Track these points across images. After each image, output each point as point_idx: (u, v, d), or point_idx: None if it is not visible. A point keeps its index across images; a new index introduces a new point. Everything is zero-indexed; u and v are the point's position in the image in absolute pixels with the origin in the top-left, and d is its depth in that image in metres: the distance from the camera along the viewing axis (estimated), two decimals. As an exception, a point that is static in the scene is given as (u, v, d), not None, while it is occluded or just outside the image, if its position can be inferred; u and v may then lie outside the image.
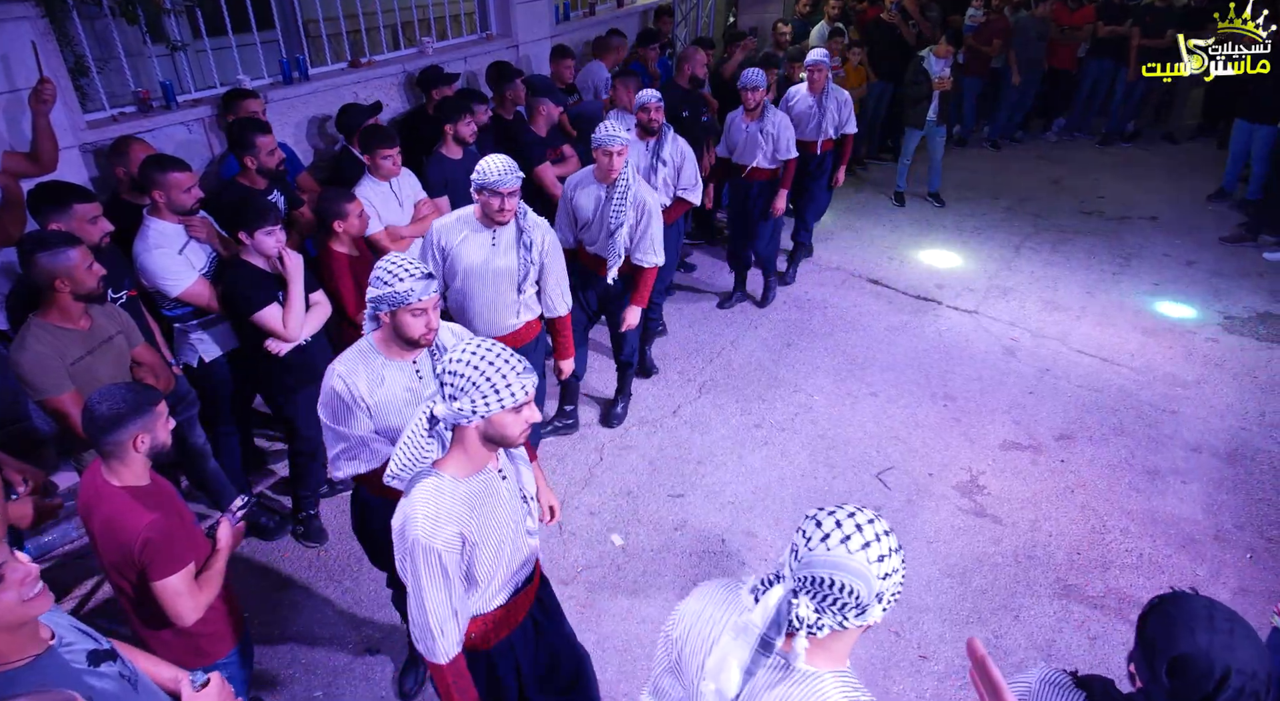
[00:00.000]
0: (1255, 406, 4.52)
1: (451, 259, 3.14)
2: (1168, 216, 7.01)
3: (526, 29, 5.72)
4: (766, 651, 1.27)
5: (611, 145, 3.51)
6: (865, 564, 1.22)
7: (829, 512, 1.28)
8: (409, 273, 2.13)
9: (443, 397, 1.67)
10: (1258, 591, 3.36)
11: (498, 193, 2.96)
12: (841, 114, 5.47)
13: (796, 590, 1.26)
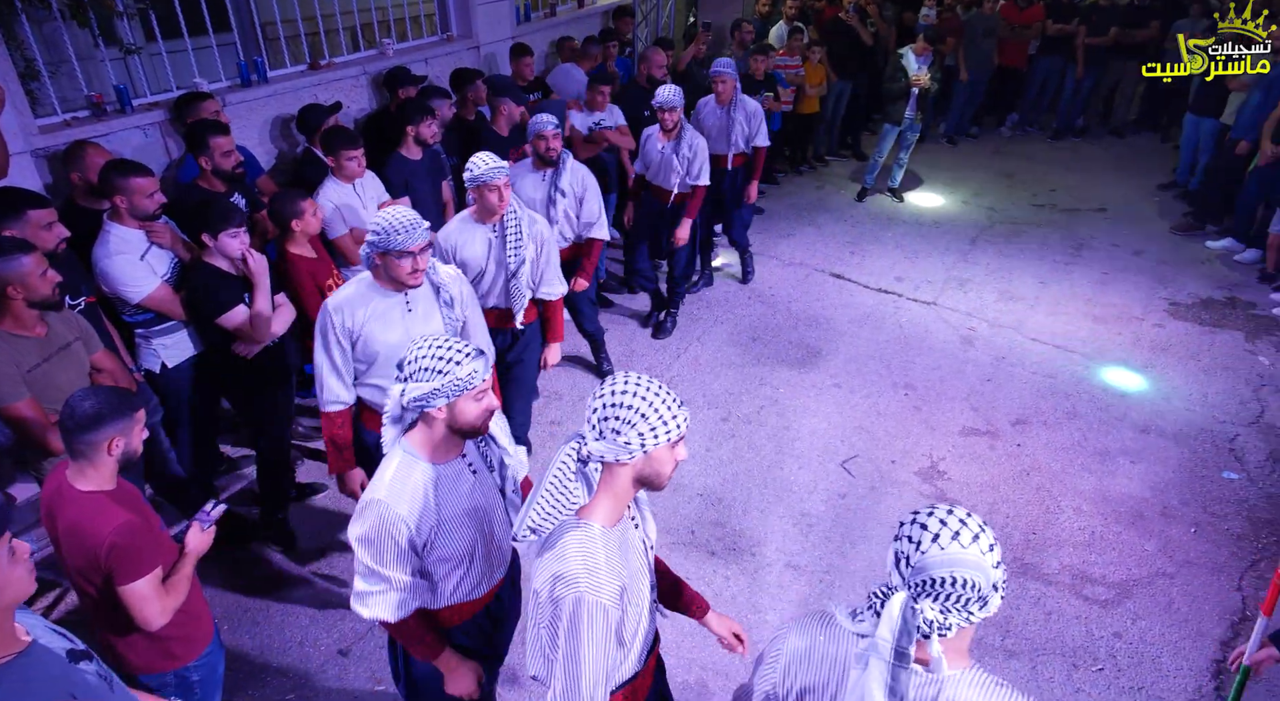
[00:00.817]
0: (1199, 389, 4.71)
1: (363, 340, 2.60)
2: (1116, 208, 7.25)
3: (488, 30, 5.74)
4: (904, 662, 1.25)
5: (495, 179, 3.09)
6: (980, 555, 1.24)
7: (928, 514, 1.29)
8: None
9: (598, 434, 1.52)
10: (1202, 564, 3.51)
11: (407, 252, 2.47)
12: (751, 125, 5.24)
13: (916, 595, 1.26)
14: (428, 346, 1.80)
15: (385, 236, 2.43)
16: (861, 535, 3.67)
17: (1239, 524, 3.73)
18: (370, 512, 1.83)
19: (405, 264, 2.49)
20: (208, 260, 3.06)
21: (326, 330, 2.59)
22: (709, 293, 5.84)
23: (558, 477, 1.57)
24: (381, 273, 2.56)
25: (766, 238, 6.74)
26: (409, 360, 1.80)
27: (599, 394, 1.54)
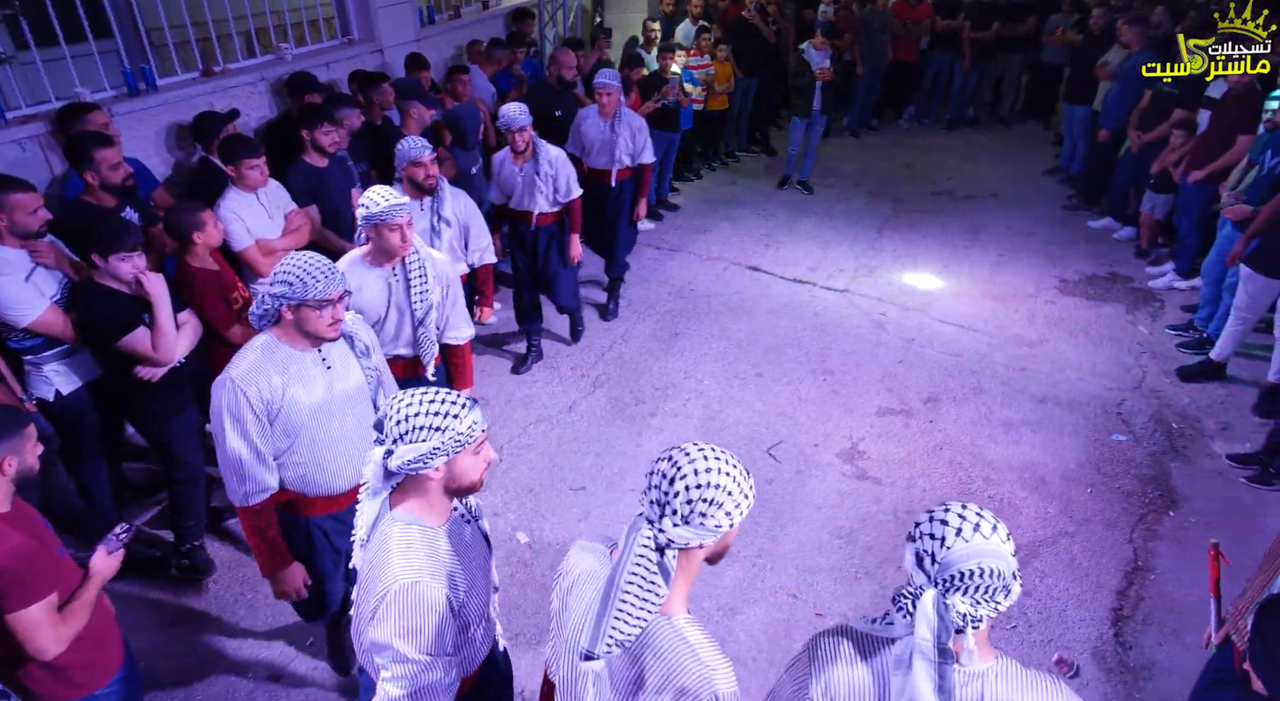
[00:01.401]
0: (1088, 359, 5.06)
1: (285, 411, 2.25)
2: (1007, 193, 7.69)
3: (390, 33, 5.62)
4: (948, 659, 1.27)
5: (396, 217, 2.73)
6: (1000, 544, 1.29)
7: (944, 511, 1.33)
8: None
9: (681, 519, 1.37)
10: (1098, 521, 3.79)
11: (326, 301, 2.19)
12: (636, 141, 5.05)
13: (945, 591, 1.28)
14: (416, 402, 1.59)
15: (301, 286, 2.13)
16: (790, 518, 3.79)
17: (1128, 482, 4.03)
18: (404, 600, 1.56)
19: (324, 315, 2.19)
20: (99, 280, 2.91)
21: (238, 409, 2.17)
22: (631, 290, 5.89)
23: (639, 575, 1.39)
24: (290, 327, 2.23)
25: (683, 233, 6.85)
26: (395, 419, 1.58)
27: (677, 474, 1.38)
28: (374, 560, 1.63)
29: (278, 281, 2.16)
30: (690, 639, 1.43)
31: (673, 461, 1.39)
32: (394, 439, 1.58)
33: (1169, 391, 4.72)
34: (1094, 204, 7.16)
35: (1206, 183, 5.27)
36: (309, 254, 2.21)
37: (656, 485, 1.40)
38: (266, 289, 2.17)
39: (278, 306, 2.19)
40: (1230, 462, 4.11)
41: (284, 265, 2.18)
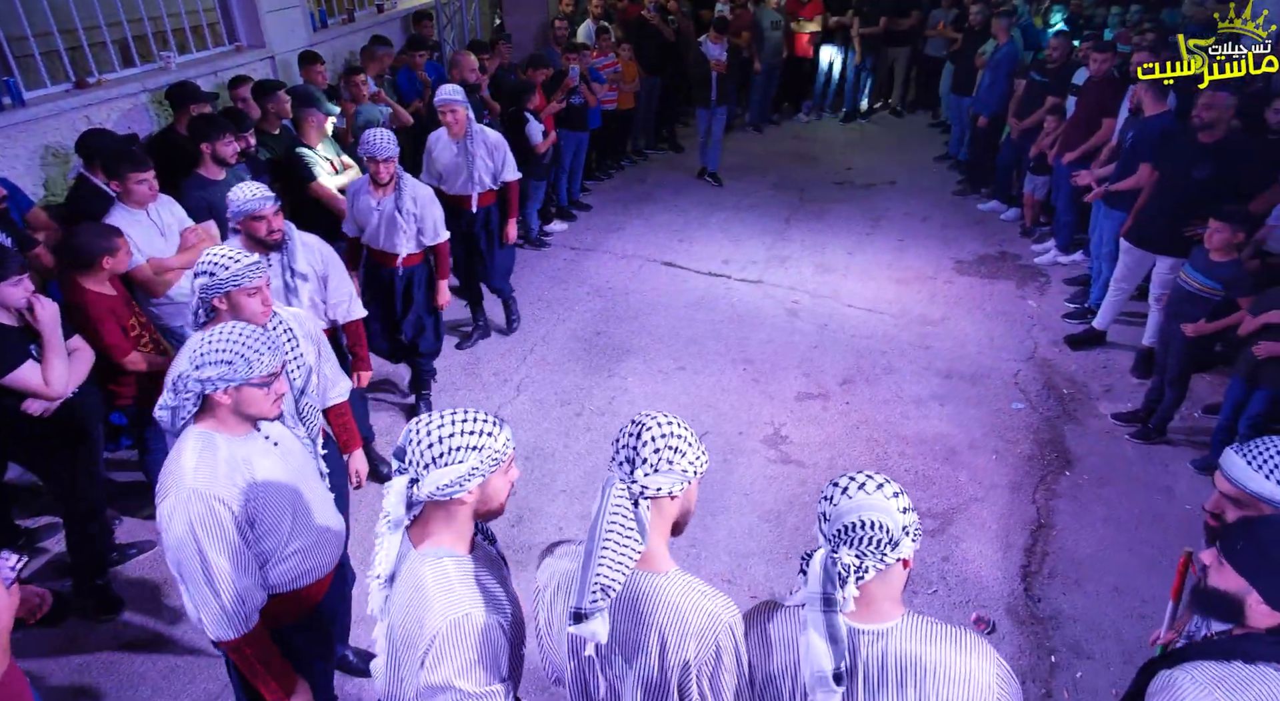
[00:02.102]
0: (985, 333, 5.38)
1: (265, 508, 2.07)
2: (903, 181, 8.06)
3: (281, 38, 5.42)
4: (833, 607, 1.36)
5: (253, 281, 2.35)
6: (885, 500, 1.38)
7: (843, 477, 1.44)
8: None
9: (651, 468, 1.46)
10: (1003, 485, 4.04)
11: (268, 377, 1.96)
12: (495, 158, 4.66)
13: (835, 546, 1.38)
14: (448, 422, 1.50)
15: (245, 364, 1.87)
16: (720, 506, 3.88)
17: (1028, 446, 4.32)
18: (457, 636, 1.47)
19: (270, 392, 1.95)
20: (-22, 311, 2.70)
21: (216, 523, 1.85)
22: (549, 292, 5.88)
23: (617, 525, 1.45)
24: (227, 413, 1.94)
25: (597, 233, 6.89)
26: (426, 443, 1.47)
27: (645, 429, 1.49)
28: (408, 606, 1.52)
29: (209, 362, 1.85)
30: (685, 586, 1.52)
31: (637, 423, 1.52)
32: (424, 465, 1.47)
33: (1058, 360, 5.08)
34: (981, 187, 7.59)
35: (1079, 164, 5.68)
36: (239, 326, 1.94)
37: (625, 444, 1.50)
38: (194, 374, 1.86)
39: (212, 391, 1.88)
40: (1115, 422, 4.46)
41: (213, 343, 1.88)
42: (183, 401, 1.89)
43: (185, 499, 1.84)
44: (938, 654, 1.40)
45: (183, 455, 1.89)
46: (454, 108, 4.39)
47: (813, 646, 1.37)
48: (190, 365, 1.87)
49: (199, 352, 1.87)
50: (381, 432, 4.33)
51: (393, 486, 1.49)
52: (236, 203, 2.89)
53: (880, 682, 1.41)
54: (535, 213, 6.53)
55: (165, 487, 1.88)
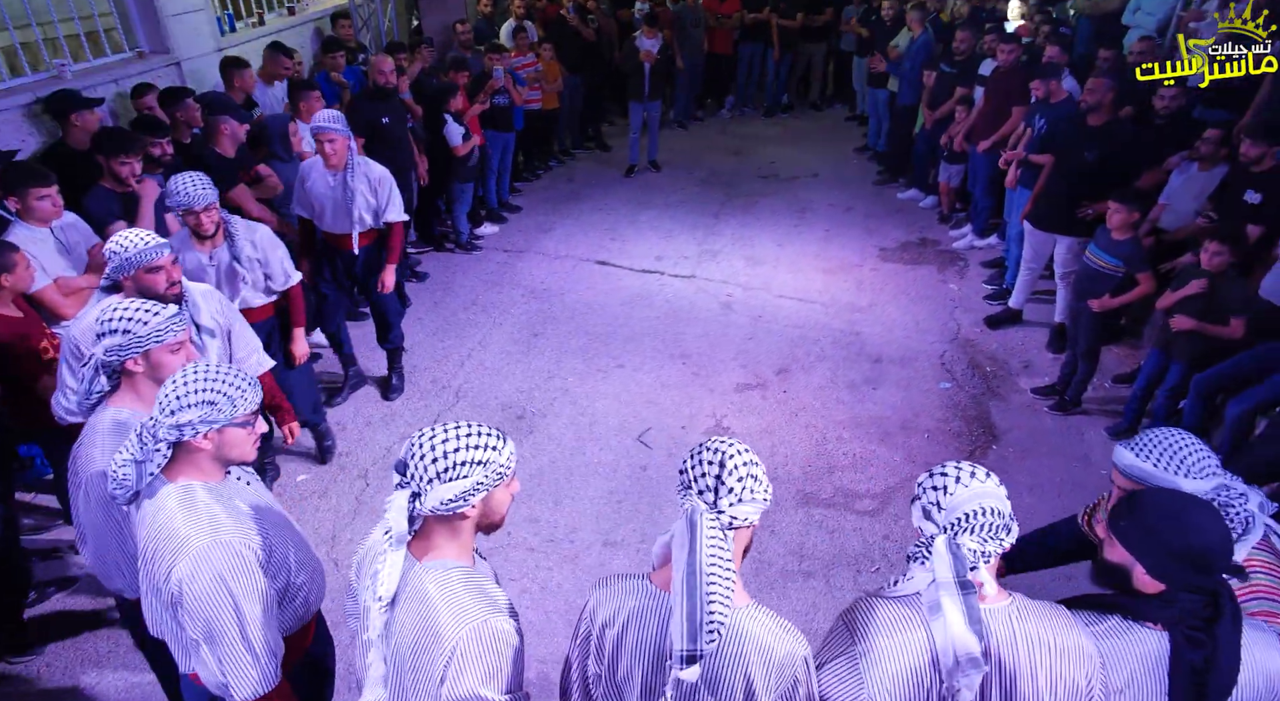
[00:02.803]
0: (911, 317, 5.58)
1: (274, 550, 1.95)
2: (826, 173, 8.27)
3: (186, 43, 5.18)
4: (970, 591, 1.39)
5: (176, 335, 2.11)
6: (996, 487, 1.46)
7: (940, 467, 1.52)
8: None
9: (737, 498, 1.46)
10: (936, 462, 4.19)
11: (252, 413, 1.84)
12: (379, 195, 4.12)
13: (955, 534, 1.42)
14: (453, 437, 1.47)
15: (229, 403, 1.75)
16: (667, 499, 3.92)
17: (957, 423, 4.51)
18: (479, 643, 1.45)
19: (252, 432, 1.85)
20: None
21: (245, 575, 1.70)
22: (483, 296, 5.82)
23: (718, 559, 1.40)
24: (207, 460, 1.80)
25: (528, 235, 6.84)
26: (430, 458, 1.44)
27: (728, 457, 1.46)
28: (419, 620, 1.48)
29: (189, 404, 1.70)
30: (766, 620, 1.50)
31: (716, 451, 1.48)
32: (428, 479, 1.45)
33: (980, 339, 5.31)
34: (900, 177, 7.86)
35: (993, 151, 5.94)
36: (207, 366, 1.78)
37: (705, 473, 1.47)
38: (168, 421, 1.70)
39: (191, 436, 1.73)
40: (1035, 395, 4.70)
41: (190, 384, 1.72)
42: (151, 454, 1.71)
43: (203, 554, 1.66)
44: (1052, 631, 1.48)
45: (172, 517, 1.70)
46: (332, 137, 3.90)
47: (954, 630, 1.38)
48: (162, 412, 1.70)
49: (174, 396, 1.70)
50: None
51: (394, 501, 1.46)
52: (125, 256, 2.47)
53: (1013, 660, 1.45)
54: (464, 216, 6.45)
55: (167, 553, 1.67)
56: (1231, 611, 1.49)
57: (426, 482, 1.45)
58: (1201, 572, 1.50)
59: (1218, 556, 1.49)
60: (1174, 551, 1.50)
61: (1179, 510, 1.54)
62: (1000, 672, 1.45)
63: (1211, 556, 1.49)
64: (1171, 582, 1.52)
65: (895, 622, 1.50)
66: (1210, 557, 1.49)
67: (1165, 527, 1.52)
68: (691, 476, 1.49)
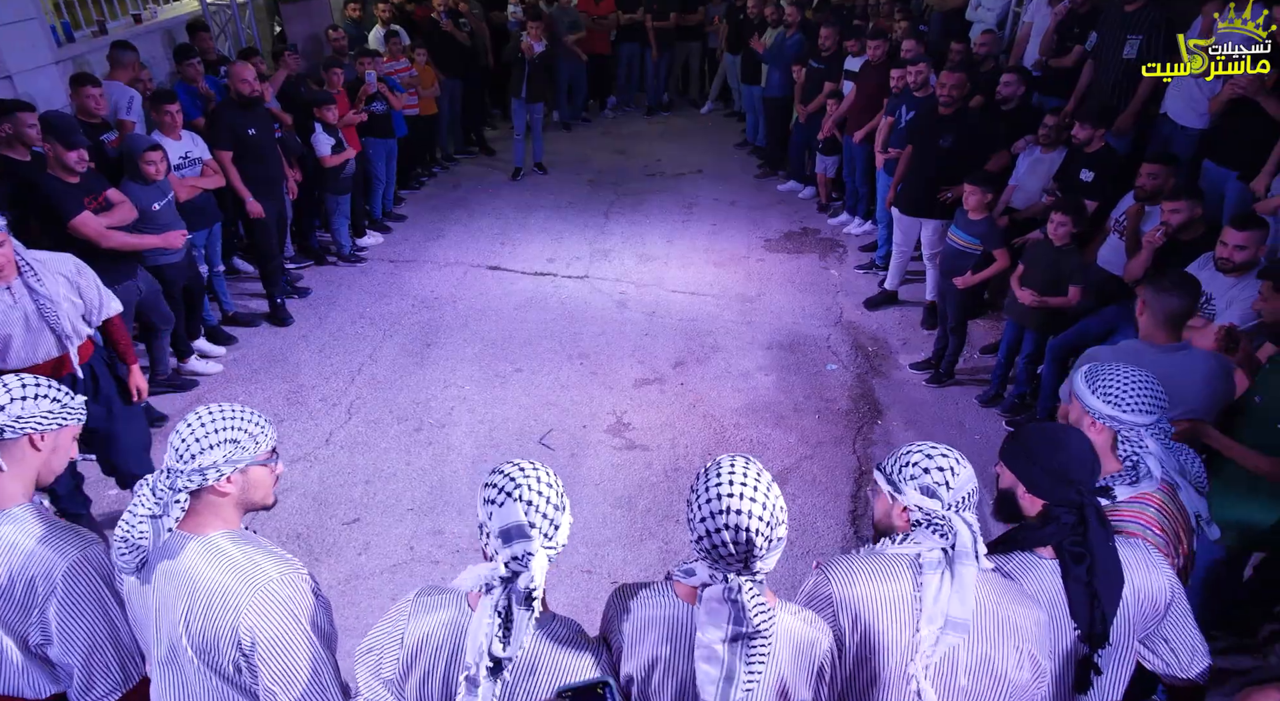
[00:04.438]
0: (798, 304, 5.81)
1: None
2: (709, 168, 8.48)
3: (17, 56, 4.77)
4: (981, 562, 1.57)
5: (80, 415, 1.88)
6: (968, 464, 1.64)
7: (926, 455, 1.63)
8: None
9: (764, 559, 1.43)
10: (828, 441, 4.41)
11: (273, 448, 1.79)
12: (86, 293, 3.11)
13: (959, 510, 1.59)
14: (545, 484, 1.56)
15: (251, 441, 1.67)
16: (572, 499, 3.88)
17: (845, 403, 4.73)
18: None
19: (271, 471, 1.77)
20: None
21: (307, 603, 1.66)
22: (370, 308, 5.65)
23: (764, 620, 1.41)
24: (230, 506, 1.68)
25: (415, 244, 6.69)
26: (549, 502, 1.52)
27: (752, 534, 1.39)
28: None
29: (211, 445, 1.58)
30: (790, 617, 1.54)
31: (734, 527, 1.39)
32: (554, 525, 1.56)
33: (861, 321, 5.59)
34: (779, 170, 8.15)
35: (867, 140, 6.23)
36: (219, 406, 1.65)
37: (730, 554, 1.40)
38: (186, 468, 1.56)
39: (216, 480, 1.60)
40: (912, 370, 4.99)
41: (206, 425, 1.60)
42: (170, 506, 1.57)
43: (270, 594, 1.57)
44: (1008, 607, 1.62)
45: (213, 569, 1.58)
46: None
47: (961, 594, 1.54)
48: (180, 458, 1.56)
49: (193, 439, 1.57)
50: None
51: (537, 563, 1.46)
52: None
53: (983, 623, 1.60)
54: (345, 228, 6.23)
55: (224, 608, 1.55)
56: (1097, 519, 1.68)
57: (557, 516, 1.53)
58: (1064, 484, 1.70)
59: (1079, 469, 1.70)
60: (1044, 467, 1.73)
61: (1051, 434, 1.77)
62: (978, 624, 1.59)
63: (1073, 468, 1.70)
64: (1045, 496, 1.74)
65: (874, 575, 1.62)
66: (1071, 470, 1.70)
67: (1038, 449, 1.76)
68: (712, 544, 1.42)
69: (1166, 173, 3.99)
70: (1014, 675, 1.60)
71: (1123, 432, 1.99)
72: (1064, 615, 1.71)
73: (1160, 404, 1.98)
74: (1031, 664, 1.61)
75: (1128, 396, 1.97)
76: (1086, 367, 2.11)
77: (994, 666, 1.59)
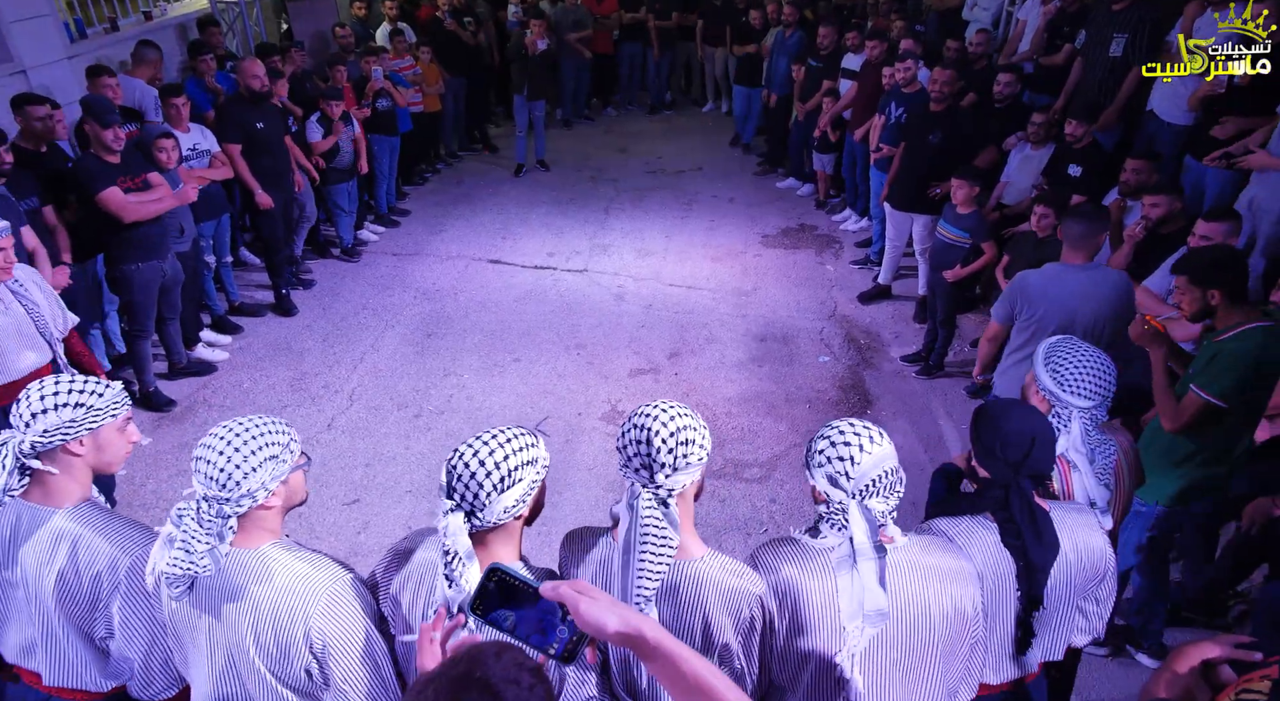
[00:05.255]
0: (793, 298, 5.91)
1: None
2: (709, 166, 8.58)
3: (32, 52, 4.92)
4: (882, 554, 1.50)
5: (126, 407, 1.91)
6: (890, 447, 1.58)
7: (838, 432, 1.58)
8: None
9: (672, 467, 1.52)
10: (817, 429, 4.49)
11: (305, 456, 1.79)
12: (51, 297, 3.12)
13: (863, 498, 1.53)
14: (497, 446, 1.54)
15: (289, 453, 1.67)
16: (566, 484, 4.04)
17: (836, 393, 4.83)
18: None
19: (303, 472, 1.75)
20: None
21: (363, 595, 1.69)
22: (373, 300, 5.78)
23: (651, 533, 1.48)
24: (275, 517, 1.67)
25: (418, 237, 6.82)
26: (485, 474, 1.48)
27: (652, 434, 1.50)
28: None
29: (256, 467, 1.56)
30: (720, 566, 1.60)
31: (641, 427, 1.53)
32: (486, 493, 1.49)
33: (854, 315, 5.69)
34: (778, 166, 8.24)
35: (867, 137, 6.31)
36: (238, 423, 1.61)
37: (635, 453, 1.53)
38: (235, 495, 1.55)
39: (265, 498, 1.60)
40: (903, 363, 5.08)
41: (241, 447, 1.56)
42: (223, 533, 1.56)
43: (330, 595, 1.59)
44: (939, 558, 1.66)
45: (273, 579, 1.59)
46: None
47: (868, 587, 1.49)
48: (222, 488, 1.53)
49: (233, 465, 1.53)
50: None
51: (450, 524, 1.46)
52: None
53: (910, 592, 1.61)
54: (346, 222, 6.34)
55: (293, 615, 1.56)
56: (1020, 500, 1.74)
57: (485, 497, 1.47)
58: (995, 460, 1.79)
59: (1009, 448, 1.77)
60: (983, 441, 1.83)
61: (999, 410, 1.85)
62: (903, 604, 1.60)
63: (1003, 446, 1.78)
64: (984, 467, 1.83)
65: (800, 562, 1.63)
66: (1001, 447, 1.78)
67: (983, 422, 1.85)
68: (625, 455, 1.55)
69: (1149, 168, 4.08)
70: (943, 630, 1.63)
71: (1057, 408, 2.07)
72: (1009, 576, 1.76)
73: (1102, 393, 2.05)
74: (958, 614, 1.64)
75: (1073, 377, 2.05)
76: (1052, 339, 2.20)
77: (921, 631, 1.62)
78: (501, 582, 1.20)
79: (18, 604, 1.77)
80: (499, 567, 1.20)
